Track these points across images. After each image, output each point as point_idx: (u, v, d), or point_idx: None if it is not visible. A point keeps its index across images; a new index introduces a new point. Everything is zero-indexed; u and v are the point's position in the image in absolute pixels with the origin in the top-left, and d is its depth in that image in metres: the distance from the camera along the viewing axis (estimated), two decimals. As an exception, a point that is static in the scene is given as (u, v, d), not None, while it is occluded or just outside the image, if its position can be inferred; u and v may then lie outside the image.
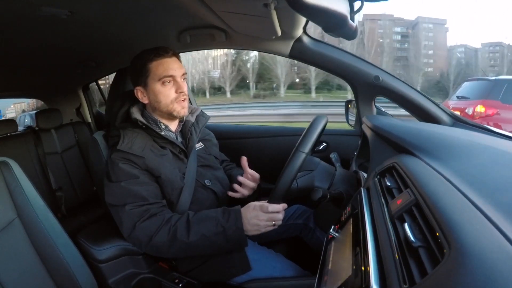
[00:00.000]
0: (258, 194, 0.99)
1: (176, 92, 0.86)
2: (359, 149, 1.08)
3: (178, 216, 0.81)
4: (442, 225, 0.31)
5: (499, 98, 3.51)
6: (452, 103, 4.08)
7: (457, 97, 4.05)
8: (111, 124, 0.96)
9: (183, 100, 0.88)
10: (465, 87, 4.12)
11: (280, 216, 0.79)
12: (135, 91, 0.89)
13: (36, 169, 1.80)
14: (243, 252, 0.87)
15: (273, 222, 0.78)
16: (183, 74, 0.88)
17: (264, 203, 0.78)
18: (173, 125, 0.95)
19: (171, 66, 0.85)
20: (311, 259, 0.86)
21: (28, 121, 7.18)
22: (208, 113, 1.05)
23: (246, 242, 0.79)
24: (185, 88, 0.87)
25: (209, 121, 1.04)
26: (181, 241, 0.76)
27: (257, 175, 0.96)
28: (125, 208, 0.79)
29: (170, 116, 0.90)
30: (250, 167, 1.04)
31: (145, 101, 0.89)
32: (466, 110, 3.64)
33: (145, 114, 0.92)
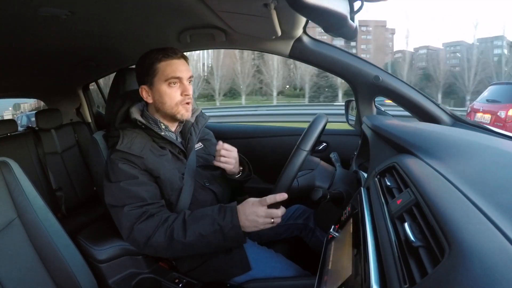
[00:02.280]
0: (248, 172, 0.97)
1: (181, 94, 0.86)
2: (359, 149, 1.08)
3: (175, 215, 0.80)
4: (442, 225, 0.31)
5: (531, 102, 3.52)
6: (481, 105, 4.07)
7: (487, 100, 4.04)
8: (110, 124, 0.96)
9: (188, 103, 0.88)
10: (494, 91, 4.12)
11: (279, 212, 0.76)
12: (139, 89, 0.88)
13: (36, 169, 1.80)
14: (243, 252, 0.87)
15: (272, 220, 0.76)
16: (189, 77, 0.87)
17: (262, 198, 0.76)
18: (173, 126, 0.95)
19: (179, 67, 0.85)
20: (311, 259, 0.86)
21: (24, 121, 7.18)
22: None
23: (244, 239, 0.78)
24: (190, 91, 0.87)
25: (208, 121, 1.04)
26: (178, 241, 0.76)
27: (232, 148, 0.90)
28: (124, 209, 0.78)
29: (173, 118, 0.89)
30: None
31: (149, 100, 0.89)
32: (498, 113, 3.65)
33: (145, 114, 0.92)
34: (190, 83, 0.88)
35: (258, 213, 0.75)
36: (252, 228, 0.76)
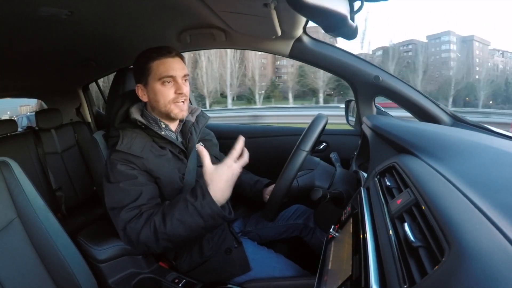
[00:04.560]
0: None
1: (175, 93, 0.86)
2: (359, 149, 1.08)
3: (159, 209, 0.78)
4: (442, 225, 0.31)
5: None
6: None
7: None
8: (110, 124, 0.96)
9: (183, 102, 0.87)
10: None
11: (243, 160, 0.77)
12: (136, 88, 0.90)
13: (36, 169, 1.80)
14: (243, 253, 0.87)
15: (237, 171, 0.75)
16: (184, 75, 0.87)
17: (218, 165, 0.75)
18: (173, 125, 0.95)
19: (172, 66, 0.85)
20: (311, 259, 0.86)
21: (24, 123, 7.18)
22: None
23: (221, 213, 0.73)
24: (185, 90, 0.86)
25: (209, 121, 1.04)
26: (161, 233, 0.74)
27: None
28: (121, 210, 0.78)
29: (168, 117, 0.90)
30: (250, 167, 1.03)
31: (145, 99, 0.89)
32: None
33: (145, 113, 0.92)
34: (186, 81, 0.88)
35: (228, 175, 0.73)
36: (227, 192, 0.74)
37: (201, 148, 0.77)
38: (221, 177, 0.73)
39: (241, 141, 0.77)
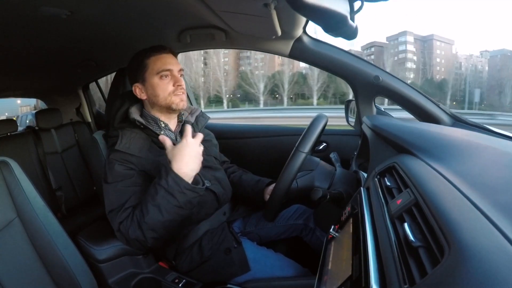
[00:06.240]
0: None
1: (173, 85, 0.87)
2: (359, 149, 1.08)
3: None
4: (442, 225, 0.31)
5: None
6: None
7: None
8: (110, 124, 0.96)
9: (182, 93, 0.89)
10: None
11: (199, 135, 0.78)
12: (133, 88, 0.90)
13: (36, 169, 1.80)
14: (242, 252, 0.87)
15: (196, 145, 0.76)
16: (180, 70, 0.89)
17: (183, 140, 0.75)
18: (173, 124, 0.95)
19: (168, 60, 0.87)
20: (311, 259, 0.86)
21: (28, 119, 7.18)
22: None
23: (189, 185, 0.73)
24: (182, 82, 0.89)
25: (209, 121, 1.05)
26: (143, 223, 0.74)
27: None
28: (118, 212, 0.78)
29: (169, 109, 0.89)
30: (250, 167, 1.03)
31: (143, 97, 0.90)
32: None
33: (144, 113, 0.92)
34: (181, 76, 0.90)
35: (188, 149, 0.74)
36: (193, 166, 0.75)
37: (162, 136, 0.78)
38: (182, 151, 0.74)
39: (187, 127, 0.78)
